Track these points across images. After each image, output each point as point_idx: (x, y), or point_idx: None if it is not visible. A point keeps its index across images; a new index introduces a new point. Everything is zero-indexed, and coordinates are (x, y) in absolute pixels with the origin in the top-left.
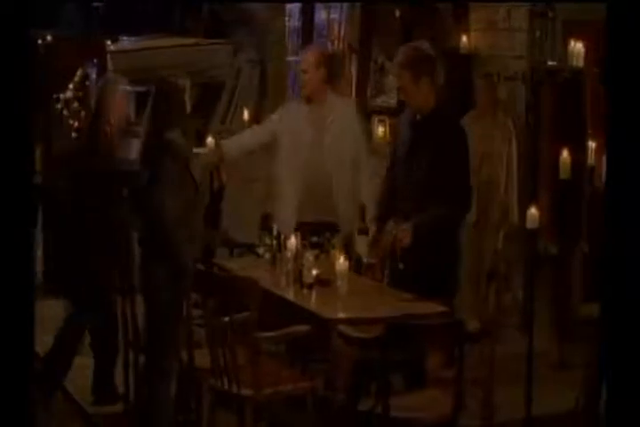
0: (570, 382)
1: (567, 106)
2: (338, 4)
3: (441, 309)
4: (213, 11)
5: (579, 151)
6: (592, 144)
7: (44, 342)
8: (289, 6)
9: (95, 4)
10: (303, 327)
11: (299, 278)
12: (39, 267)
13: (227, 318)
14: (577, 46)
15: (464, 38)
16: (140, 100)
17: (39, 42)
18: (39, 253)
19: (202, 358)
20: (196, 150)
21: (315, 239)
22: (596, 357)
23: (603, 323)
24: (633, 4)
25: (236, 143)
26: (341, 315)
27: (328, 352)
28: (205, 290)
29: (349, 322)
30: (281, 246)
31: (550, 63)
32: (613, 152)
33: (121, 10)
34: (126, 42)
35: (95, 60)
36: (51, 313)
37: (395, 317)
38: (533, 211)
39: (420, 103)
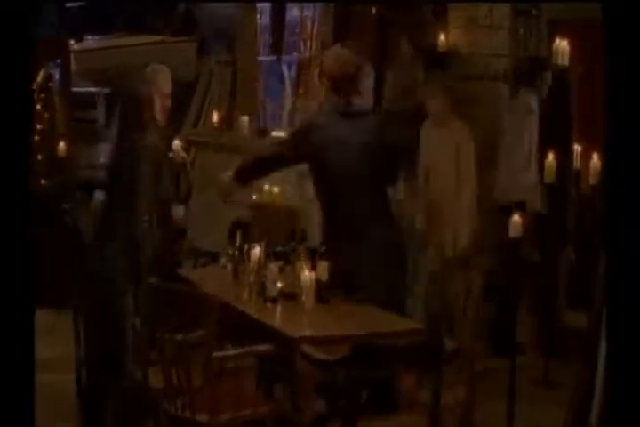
0: (556, 400)
1: (552, 106)
2: None
3: (414, 326)
4: (186, 10)
5: (564, 154)
6: (578, 147)
7: None
8: (260, 4)
9: (68, 4)
10: (264, 347)
11: (262, 292)
12: None
13: (180, 336)
14: (562, 44)
15: (442, 36)
16: (109, 101)
17: None
18: None
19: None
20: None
21: (279, 249)
22: (585, 371)
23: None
24: (628, 3)
25: None
26: (305, 333)
27: (292, 372)
28: (157, 304)
29: (313, 341)
30: (244, 257)
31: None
32: (611, 154)
33: (91, 10)
34: (91, 41)
35: (58, 61)
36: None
37: (363, 335)
38: (517, 218)
39: None
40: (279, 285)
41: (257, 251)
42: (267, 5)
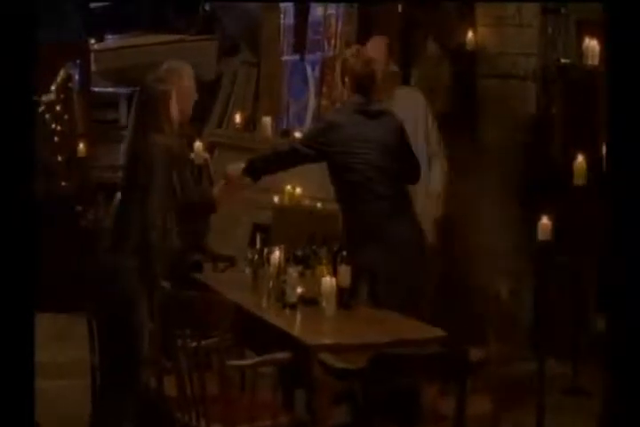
0: (587, 409)
1: (581, 107)
2: None
3: (438, 333)
4: (209, 10)
5: (593, 155)
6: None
7: None
8: (284, 3)
9: (91, 4)
10: (282, 355)
11: (281, 297)
12: None
13: (194, 343)
14: (591, 44)
15: (470, 35)
16: (130, 101)
17: None
18: None
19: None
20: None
21: (299, 253)
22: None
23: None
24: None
25: None
26: (323, 340)
27: (310, 382)
28: (171, 310)
29: (332, 349)
30: (263, 261)
31: (563, 61)
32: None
33: (114, 9)
34: (110, 40)
35: (78, 61)
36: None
37: (385, 343)
38: (545, 221)
39: None
40: (299, 290)
41: (276, 255)
42: (290, 5)
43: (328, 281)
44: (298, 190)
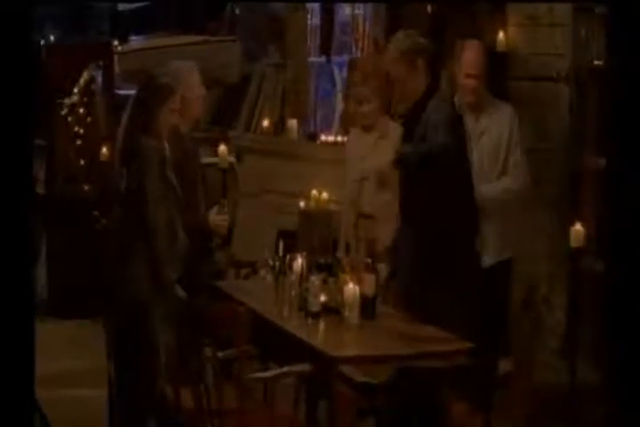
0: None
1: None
2: None
3: (465, 345)
4: (234, 12)
5: None
6: None
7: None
8: (310, 4)
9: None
10: (301, 367)
11: (303, 306)
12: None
13: (209, 354)
14: None
15: (501, 35)
16: None
17: (42, 43)
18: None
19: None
20: (210, 160)
21: (322, 260)
22: None
23: None
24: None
25: None
26: (345, 352)
27: (331, 396)
28: (186, 320)
29: (354, 361)
30: (285, 268)
31: (596, 63)
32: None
33: (140, 11)
34: (133, 42)
35: (101, 63)
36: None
37: (409, 355)
38: (579, 227)
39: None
40: (322, 298)
41: (299, 262)
42: (316, 5)
43: (351, 289)
44: (324, 195)
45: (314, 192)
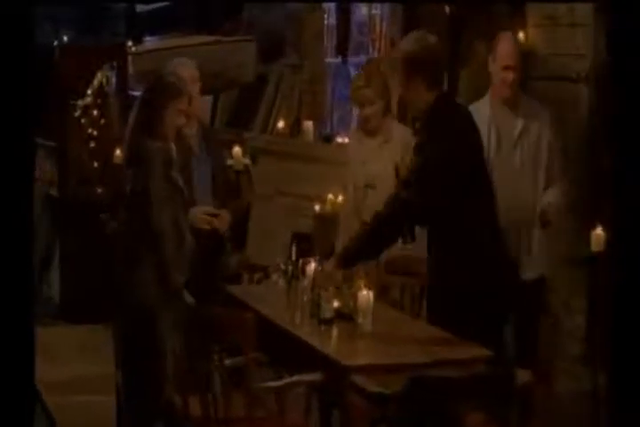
0: None
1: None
2: None
3: (484, 353)
4: (251, 12)
5: None
6: None
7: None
8: (327, 3)
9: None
10: (313, 376)
11: (316, 312)
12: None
13: (216, 362)
14: None
15: (521, 35)
16: None
17: (55, 43)
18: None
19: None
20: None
21: None
22: None
23: None
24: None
25: None
26: (357, 361)
27: (342, 406)
28: (194, 327)
29: (366, 370)
30: (297, 272)
31: None
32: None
33: (156, 12)
34: (148, 43)
35: (115, 64)
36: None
37: (424, 364)
38: (599, 232)
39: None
40: (335, 304)
41: (313, 266)
42: (333, 5)
43: (365, 295)
44: (340, 198)
45: (330, 196)
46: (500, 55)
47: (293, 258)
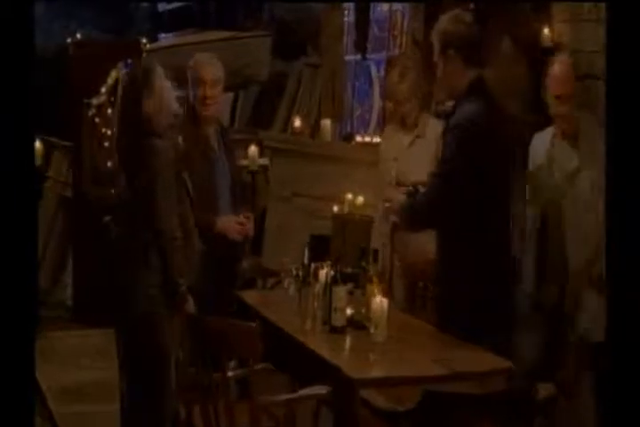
0: None
1: None
2: None
3: (505, 365)
4: (271, 10)
5: None
6: None
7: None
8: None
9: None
10: (321, 390)
11: (328, 320)
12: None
13: (220, 374)
14: None
15: (546, 31)
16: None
17: (68, 41)
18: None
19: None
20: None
21: (349, 270)
22: None
23: None
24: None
25: None
26: (368, 374)
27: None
28: (197, 336)
29: (377, 384)
30: (310, 278)
31: None
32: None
33: (178, 11)
34: (162, 40)
35: (130, 61)
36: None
37: (438, 376)
38: None
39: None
40: (348, 312)
41: (325, 272)
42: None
43: (379, 303)
44: (359, 199)
45: (349, 196)
46: (551, 82)
47: (306, 262)
